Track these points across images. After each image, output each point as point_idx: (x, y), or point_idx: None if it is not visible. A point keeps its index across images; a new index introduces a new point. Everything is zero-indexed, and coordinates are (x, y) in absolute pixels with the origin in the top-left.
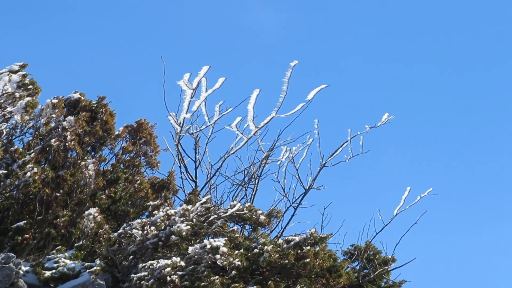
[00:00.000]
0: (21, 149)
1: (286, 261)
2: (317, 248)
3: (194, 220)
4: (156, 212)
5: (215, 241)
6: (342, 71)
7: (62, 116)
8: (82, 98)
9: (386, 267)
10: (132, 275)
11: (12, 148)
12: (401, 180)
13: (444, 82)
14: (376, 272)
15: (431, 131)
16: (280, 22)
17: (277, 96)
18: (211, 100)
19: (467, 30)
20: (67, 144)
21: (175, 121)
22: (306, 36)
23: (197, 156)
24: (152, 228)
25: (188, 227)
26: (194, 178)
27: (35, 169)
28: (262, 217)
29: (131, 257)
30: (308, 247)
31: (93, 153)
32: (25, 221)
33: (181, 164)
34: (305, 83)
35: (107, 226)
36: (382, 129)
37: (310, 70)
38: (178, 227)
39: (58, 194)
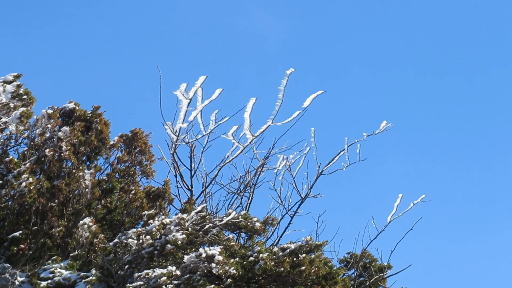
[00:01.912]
0: (16, 159)
1: (282, 269)
2: (313, 256)
3: (190, 228)
4: (151, 221)
5: (210, 249)
6: (343, 78)
7: (57, 126)
8: (77, 108)
9: (382, 274)
10: (128, 284)
11: (7, 158)
12: (397, 187)
13: (439, 89)
14: (372, 279)
15: (426, 138)
16: (281, 29)
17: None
18: (209, 108)
19: (464, 37)
20: (62, 154)
21: (171, 130)
22: (307, 43)
23: (193, 165)
24: (148, 237)
25: (184, 236)
26: (189, 187)
27: (30, 179)
28: (258, 225)
29: (126, 266)
30: (304, 255)
31: (88, 163)
32: (21, 232)
33: (177, 173)
34: (306, 90)
35: (103, 235)
36: (379, 136)
37: (311, 76)
38: (174, 236)
39: (53, 204)
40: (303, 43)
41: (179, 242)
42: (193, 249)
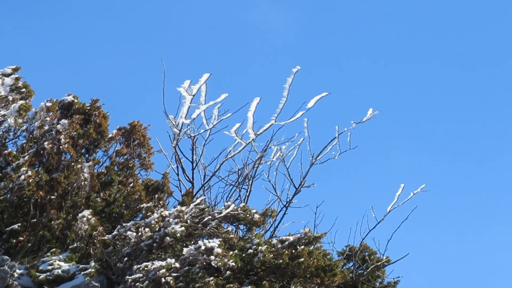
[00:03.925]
0: (15, 152)
1: (281, 261)
2: (311, 248)
3: (189, 221)
4: (150, 214)
5: (209, 242)
6: (350, 71)
7: (56, 119)
8: (76, 100)
9: (379, 264)
10: (127, 277)
11: (6, 151)
12: (397, 178)
13: (441, 80)
14: (369, 268)
15: (428, 129)
16: (289, 23)
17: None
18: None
19: (465, 28)
20: (61, 147)
21: (173, 124)
22: (315, 36)
23: (194, 157)
24: (147, 229)
25: (183, 228)
26: (191, 179)
27: (29, 172)
28: (257, 217)
29: (125, 259)
30: (302, 247)
31: (87, 156)
32: (20, 224)
33: (178, 165)
34: (313, 84)
35: (102, 228)
36: (380, 127)
37: (317, 70)
38: (173, 228)
39: (52, 197)
40: (311, 36)
41: (178, 235)
42: (192, 242)
